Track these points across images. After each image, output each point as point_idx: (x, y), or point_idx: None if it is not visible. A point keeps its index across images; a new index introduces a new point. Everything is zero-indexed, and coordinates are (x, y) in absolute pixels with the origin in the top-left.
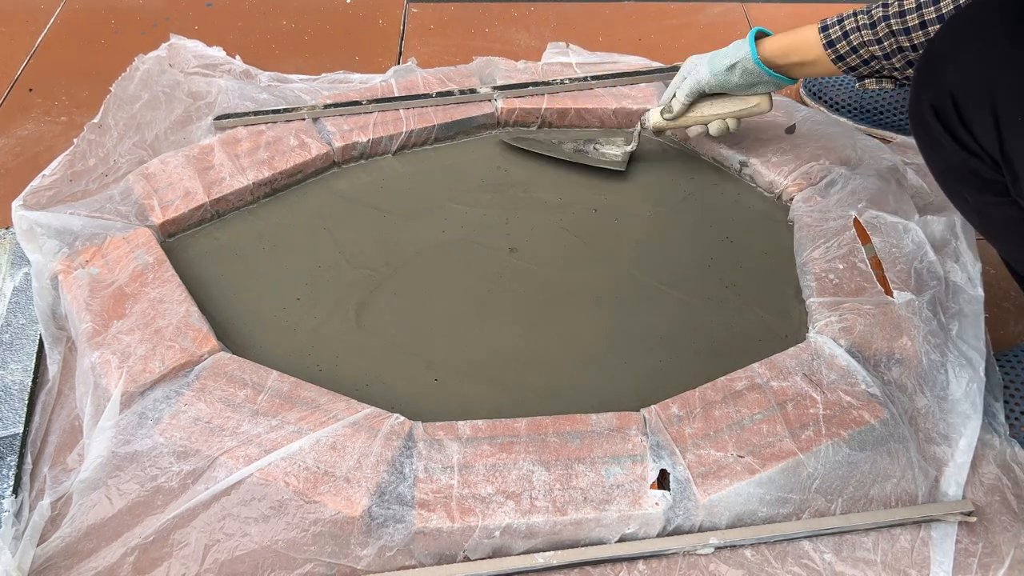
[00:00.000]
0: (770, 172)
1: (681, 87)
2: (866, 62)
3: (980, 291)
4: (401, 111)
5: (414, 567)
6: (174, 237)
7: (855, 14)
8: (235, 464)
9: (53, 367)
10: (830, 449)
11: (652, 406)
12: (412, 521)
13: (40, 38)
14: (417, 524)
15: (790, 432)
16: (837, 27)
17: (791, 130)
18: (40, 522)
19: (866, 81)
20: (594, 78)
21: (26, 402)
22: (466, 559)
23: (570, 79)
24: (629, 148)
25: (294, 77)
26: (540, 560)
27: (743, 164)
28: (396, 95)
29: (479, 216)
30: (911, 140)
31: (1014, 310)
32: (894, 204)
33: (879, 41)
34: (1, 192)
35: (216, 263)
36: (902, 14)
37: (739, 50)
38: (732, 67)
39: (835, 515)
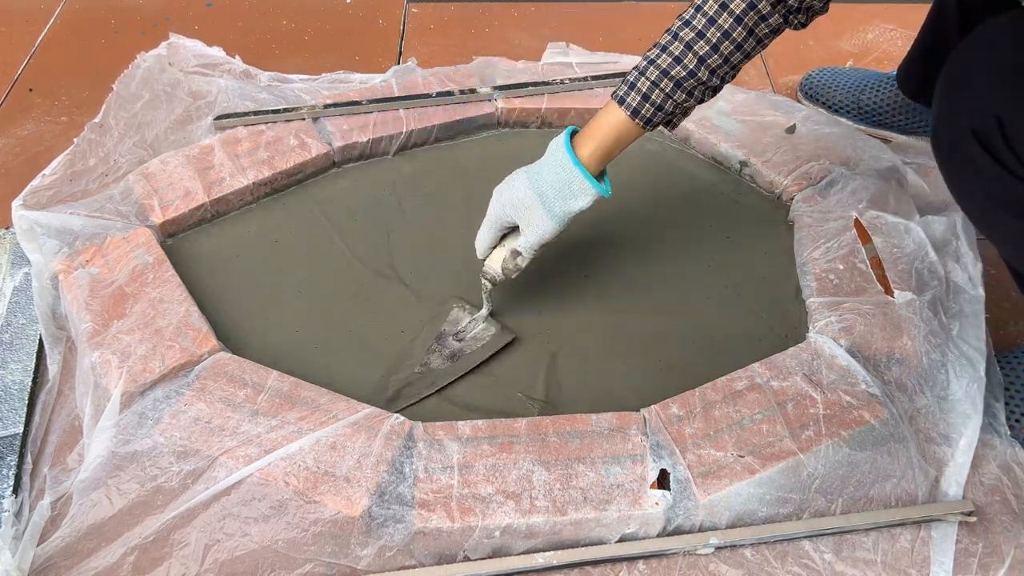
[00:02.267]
0: (770, 172)
1: (527, 242)
2: (671, 114)
3: (981, 291)
4: (401, 111)
5: (414, 567)
6: (174, 237)
7: (655, 85)
8: (235, 464)
9: (53, 367)
10: (830, 449)
11: (652, 406)
12: (412, 521)
13: (40, 38)
14: (417, 524)
15: (790, 432)
16: (648, 105)
17: (791, 130)
18: (40, 522)
19: (674, 122)
20: (594, 78)
21: (26, 402)
22: (466, 559)
23: (570, 79)
24: (485, 312)
25: (294, 77)
26: (540, 560)
27: (743, 164)
28: (396, 95)
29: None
30: (911, 140)
31: (1014, 310)
32: (895, 204)
33: (690, 94)
34: (1, 192)
35: (216, 263)
36: (703, 61)
37: (585, 193)
38: (581, 212)
39: (835, 515)
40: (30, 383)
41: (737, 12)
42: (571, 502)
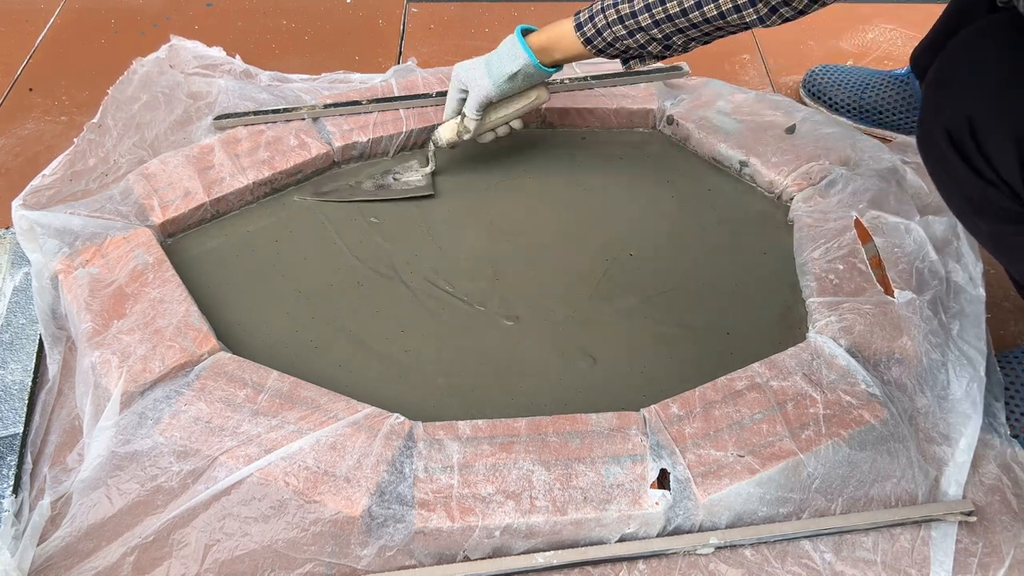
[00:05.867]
0: (770, 172)
1: (469, 103)
2: (624, 52)
3: (981, 291)
4: (401, 111)
5: (414, 567)
6: (174, 237)
7: (608, 26)
8: (235, 464)
9: (53, 367)
10: (830, 449)
11: (652, 406)
12: (412, 521)
13: (40, 38)
14: (417, 524)
15: (790, 432)
16: (590, 25)
17: (791, 130)
18: (40, 522)
19: (630, 64)
20: (594, 78)
21: (26, 402)
22: (466, 559)
23: (570, 79)
24: (428, 170)
25: (294, 77)
26: (540, 560)
27: (743, 164)
28: (396, 95)
29: (478, 216)
30: (911, 140)
31: (1014, 310)
32: (895, 204)
33: (631, 35)
34: (1, 192)
35: (216, 263)
36: (648, 7)
37: (516, 58)
38: (514, 75)
39: (835, 515)
40: (30, 383)
41: None
42: (571, 502)
